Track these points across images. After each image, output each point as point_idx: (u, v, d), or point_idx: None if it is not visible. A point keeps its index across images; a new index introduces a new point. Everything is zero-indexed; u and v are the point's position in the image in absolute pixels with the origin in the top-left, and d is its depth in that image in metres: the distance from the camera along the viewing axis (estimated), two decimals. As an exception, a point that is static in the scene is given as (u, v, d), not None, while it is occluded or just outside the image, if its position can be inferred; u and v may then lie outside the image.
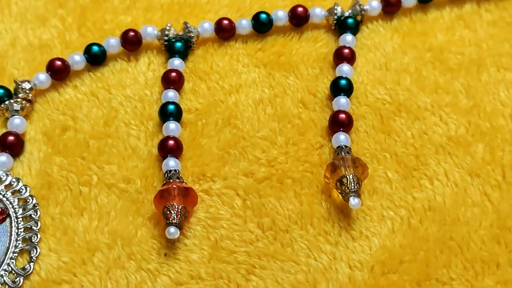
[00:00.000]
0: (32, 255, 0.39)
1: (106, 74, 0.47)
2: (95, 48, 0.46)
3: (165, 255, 0.39)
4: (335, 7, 0.48)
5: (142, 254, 0.40)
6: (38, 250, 0.40)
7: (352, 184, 0.39)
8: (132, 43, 0.47)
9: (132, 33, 0.47)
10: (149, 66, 0.47)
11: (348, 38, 0.47)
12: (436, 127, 0.44)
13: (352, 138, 0.43)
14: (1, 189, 0.41)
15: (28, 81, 0.45)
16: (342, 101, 0.44)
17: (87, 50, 0.46)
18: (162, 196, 0.39)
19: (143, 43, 0.47)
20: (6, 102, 0.44)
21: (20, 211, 0.41)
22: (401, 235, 0.40)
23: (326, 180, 0.41)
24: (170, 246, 0.40)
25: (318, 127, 0.44)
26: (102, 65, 0.47)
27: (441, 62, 0.47)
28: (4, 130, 0.44)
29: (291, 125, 0.44)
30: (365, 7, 0.48)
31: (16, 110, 0.44)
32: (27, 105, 0.44)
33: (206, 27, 0.47)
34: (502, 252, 0.39)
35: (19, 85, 0.44)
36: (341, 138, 0.42)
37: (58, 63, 0.46)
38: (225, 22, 0.47)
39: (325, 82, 0.46)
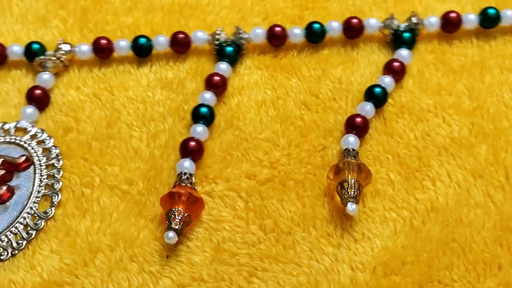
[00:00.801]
0: (53, 200, 0.41)
1: (108, 75, 0.47)
2: (143, 40, 0.47)
3: (167, 257, 0.39)
4: (392, 20, 0.47)
5: (144, 256, 0.40)
6: (59, 196, 0.41)
7: (352, 190, 0.39)
8: (181, 45, 0.47)
9: (181, 35, 0.46)
10: (151, 68, 0.47)
11: (403, 52, 0.46)
12: (439, 129, 0.44)
13: (354, 140, 0.43)
14: (27, 139, 0.44)
15: (70, 45, 0.46)
16: (366, 107, 0.43)
17: (135, 40, 0.47)
18: (172, 197, 0.39)
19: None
20: (41, 57, 0.46)
21: (44, 159, 0.43)
22: (403, 236, 0.40)
23: (329, 180, 0.41)
24: (172, 248, 0.40)
25: (320, 129, 0.44)
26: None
27: (443, 64, 0.47)
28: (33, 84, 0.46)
29: (294, 127, 0.44)
30: (423, 22, 0.47)
31: (48, 67, 0.46)
32: (60, 65, 0.46)
33: (258, 32, 0.47)
34: (504, 254, 0.39)
35: (60, 44, 0.46)
36: (350, 140, 0.42)
37: (104, 41, 0.47)
38: (278, 29, 0.47)
39: (328, 84, 0.46)
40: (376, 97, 0.44)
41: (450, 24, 0.47)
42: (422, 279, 0.39)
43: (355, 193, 0.39)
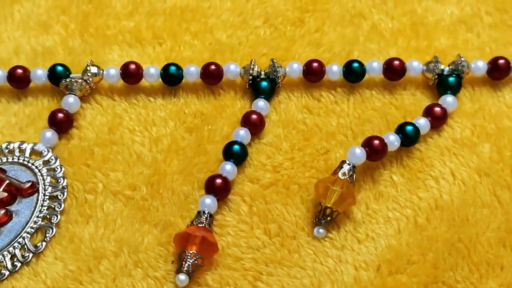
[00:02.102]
0: (47, 234, 0.40)
1: (110, 81, 0.47)
2: (173, 68, 0.45)
3: (172, 263, 0.39)
4: (436, 64, 0.44)
5: (148, 261, 0.40)
6: (54, 230, 0.40)
7: (321, 216, 0.40)
8: (212, 77, 0.45)
9: (213, 67, 0.45)
10: (153, 72, 0.47)
11: (448, 99, 0.44)
12: (441, 131, 0.44)
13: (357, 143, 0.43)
14: (39, 164, 0.42)
15: (98, 67, 0.45)
16: (391, 138, 0.42)
17: (165, 68, 0.45)
18: (186, 237, 0.38)
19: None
20: (67, 79, 0.44)
21: (50, 189, 0.42)
22: (407, 234, 0.40)
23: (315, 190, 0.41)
24: (177, 254, 0.39)
25: (323, 132, 0.44)
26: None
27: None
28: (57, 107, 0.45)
29: (296, 131, 0.44)
30: (470, 65, 0.45)
31: (74, 89, 0.44)
32: (86, 87, 0.45)
33: (295, 68, 0.45)
34: (507, 255, 0.40)
35: (88, 66, 0.45)
36: (356, 151, 0.41)
37: (133, 66, 0.45)
38: (315, 64, 0.45)
39: (329, 87, 0.46)
40: (406, 134, 0.42)
41: (497, 70, 0.45)
42: (428, 280, 0.39)
43: (324, 219, 0.40)
